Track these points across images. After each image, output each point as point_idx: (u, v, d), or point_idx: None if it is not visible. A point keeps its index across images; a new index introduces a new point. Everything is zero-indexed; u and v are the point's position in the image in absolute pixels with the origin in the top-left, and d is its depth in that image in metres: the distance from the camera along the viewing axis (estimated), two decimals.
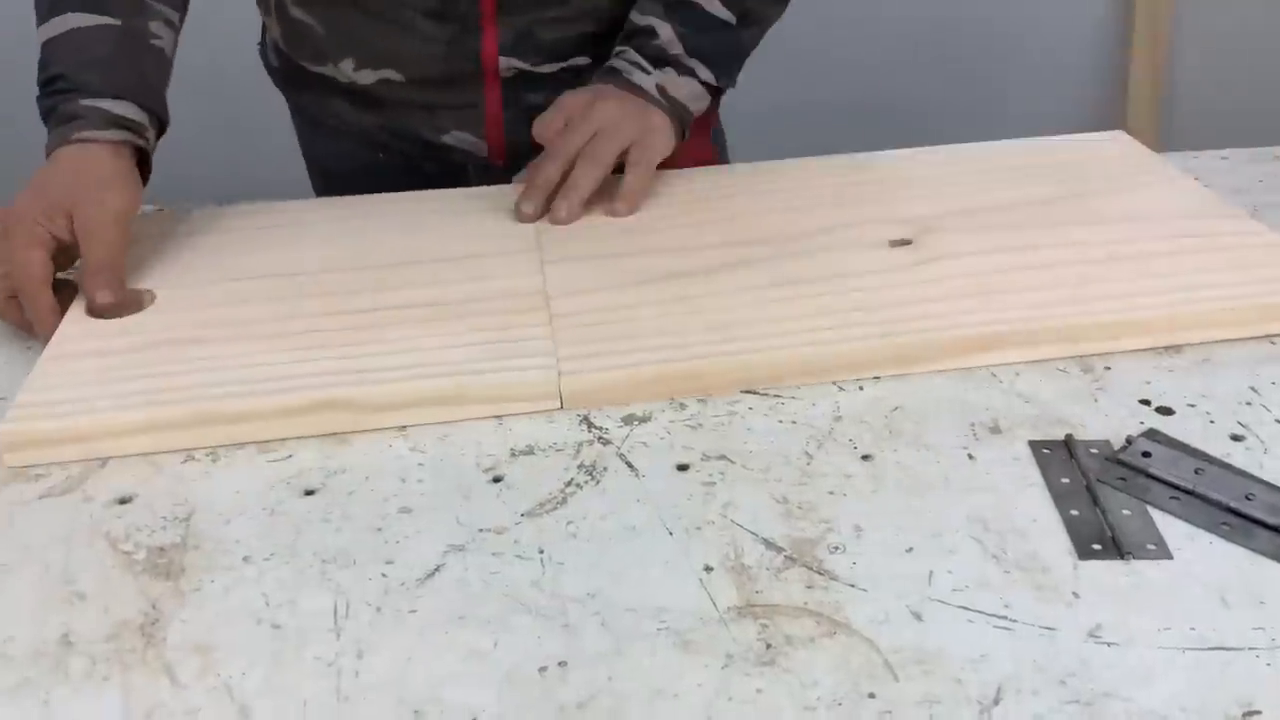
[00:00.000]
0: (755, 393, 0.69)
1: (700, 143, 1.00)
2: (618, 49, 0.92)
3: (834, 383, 0.69)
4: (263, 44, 1.07)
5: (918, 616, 0.53)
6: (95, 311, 0.75)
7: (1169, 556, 0.56)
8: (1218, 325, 0.71)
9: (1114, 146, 0.94)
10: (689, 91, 0.91)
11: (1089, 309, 0.72)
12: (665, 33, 0.90)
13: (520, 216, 0.84)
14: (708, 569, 0.56)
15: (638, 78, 0.89)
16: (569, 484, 0.62)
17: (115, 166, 0.78)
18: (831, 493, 0.61)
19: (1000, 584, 0.55)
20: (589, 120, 0.86)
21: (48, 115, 0.80)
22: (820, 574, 0.56)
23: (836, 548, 0.57)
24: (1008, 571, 0.55)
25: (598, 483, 0.62)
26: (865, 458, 0.63)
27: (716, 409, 0.68)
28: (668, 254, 0.80)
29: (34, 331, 0.76)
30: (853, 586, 0.55)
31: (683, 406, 0.68)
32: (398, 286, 0.77)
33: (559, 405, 0.68)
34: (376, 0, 0.91)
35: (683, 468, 0.63)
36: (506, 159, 0.99)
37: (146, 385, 0.68)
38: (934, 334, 0.70)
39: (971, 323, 0.71)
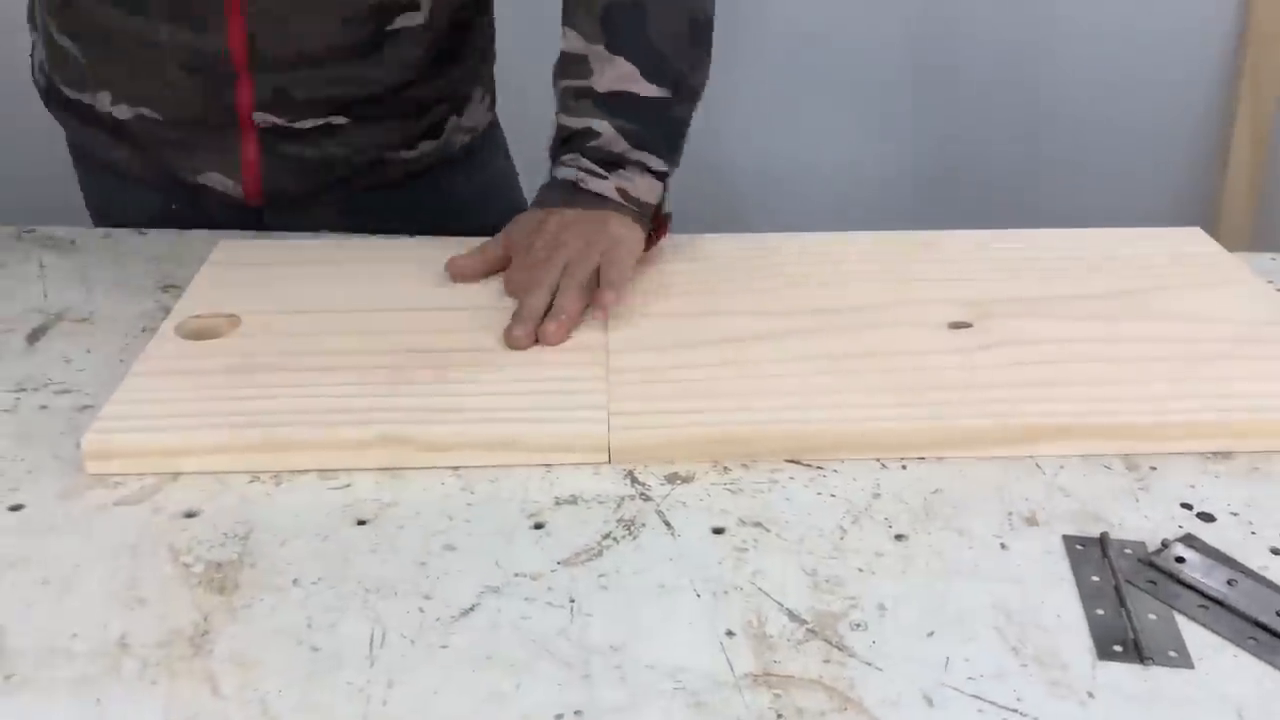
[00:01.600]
0: (798, 463, 0.71)
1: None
2: (563, 155, 0.90)
3: (877, 459, 0.71)
4: (32, 58, 1.07)
5: (929, 701, 0.54)
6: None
7: (1189, 665, 0.56)
8: (1270, 435, 0.71)
9: (1189, 243, 0.94)
10: (646, 186, 0.88)
11: (1139, 407, 0.72)
12: (606, 130, 0.87)
13: (510, 341, 0.79)
14: (729, 634, 0.58)
15: (595, 185, 0.87)
16: (606, 536, 0.65)
17: None
18: (861, 570, 0.62)
19: (1016, 676, 0.55)
20: (558, 252, 0.84)
21: None
22: (839, 649, 0.57)
23: (858, 625, 0.59)
24: (1025, 665, 0.56)
25: (634, 538, 0.65)
26: (899, 537, 0.65)
27: (758, 475, 0.69)
28: (727, 318, 0.82)
29: None
30: (869, 665, 0.56)
31: (725, 470, 0.70)
32: (468, 329, 0.80)
33: (606, 459, 0.70)
34: (130, 41, 0.93)
35: (718, 531, 0.65)
36: (264, 200, 1.00)
37: (221, 408, 0.72)
38: (981, 421, 0.71)
39: (1020, 412, 0.72)
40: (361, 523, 0.66)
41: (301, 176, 1.00)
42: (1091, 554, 0.63)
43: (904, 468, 0.70)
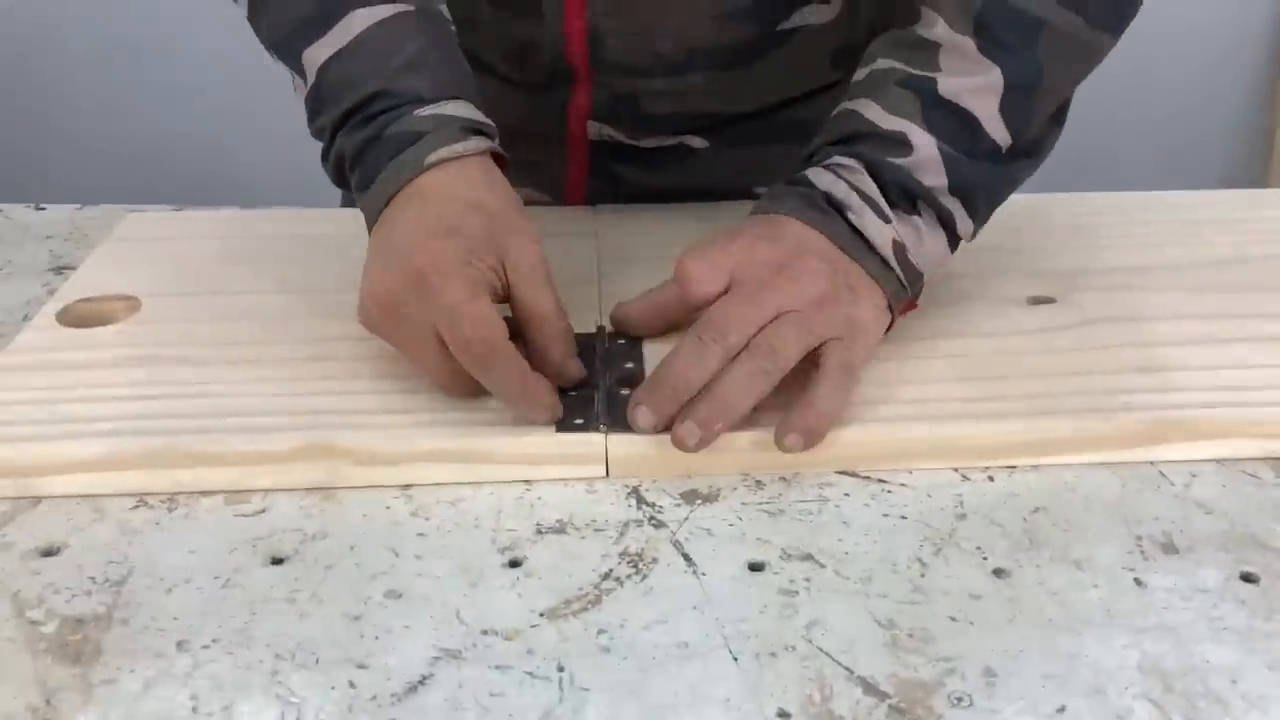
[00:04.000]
0: (854, 474, 0.54)
1: None
2: (835, 154, 0.58)
3: (956, 469, 0.54)
4: None
5: None
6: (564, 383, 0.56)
7: None
8: None
9: None
10: (935, 255, 0.59)
11: None
12: (924, 146, 0.57)
13: (634, 422, 0.53)
14: (782, 716, 0.41)
15: (868, 223, 0.56)
16: (607, 576, 0.48)
17: (502, 186, 0.58)
18: (954, 619, 0.46)
19: None
20: (770, 294, 0.54)
21: (365, 148, 0.58)
22: None
23: (961, 699, 0.42)
24: None
25: (644, 578, 0.48)
26: (998, 573, 0.48)
27: (804, 492, 0.53)
28: None
29: (519, 404, 0.54)
30: None
31: (760, 485, 0.53)
32: None
33: (603, 473, 0.54)
34: (456, 13, 0.65)
35: (756, 567, 0.49)
36: None
37: (103, 411, 0.56)
38: (1092, 416, 0.55)
39: (1139, 404, 0.56)
40: (277, 561, 0.49)
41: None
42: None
43: (991, 479, 0.54)
